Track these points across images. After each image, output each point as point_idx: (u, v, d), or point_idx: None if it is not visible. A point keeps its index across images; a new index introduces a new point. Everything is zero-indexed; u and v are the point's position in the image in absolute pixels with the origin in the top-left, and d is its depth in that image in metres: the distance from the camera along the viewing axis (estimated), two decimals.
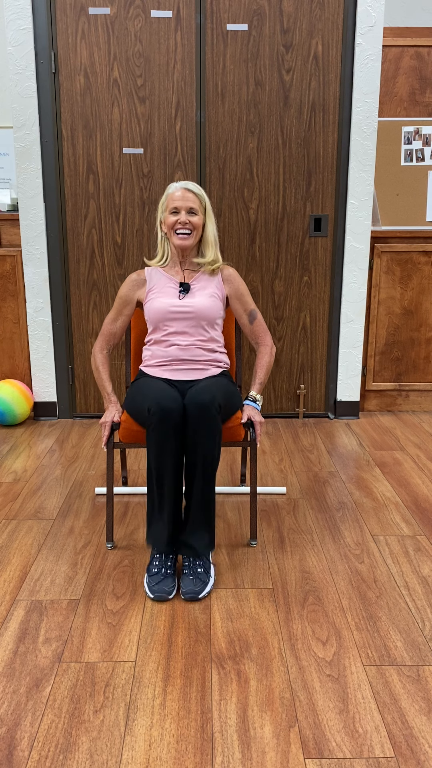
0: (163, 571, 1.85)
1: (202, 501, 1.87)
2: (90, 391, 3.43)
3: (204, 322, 2.07)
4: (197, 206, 2.05)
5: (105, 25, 3.00)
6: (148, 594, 1.82)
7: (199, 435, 1.82)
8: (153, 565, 1.88)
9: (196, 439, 1.82)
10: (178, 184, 2.06)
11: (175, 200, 2.03)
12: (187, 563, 1.88)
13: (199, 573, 1.85)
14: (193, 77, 3.06)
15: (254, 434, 2.04)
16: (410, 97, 3.82)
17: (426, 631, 1.68)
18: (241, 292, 2.18)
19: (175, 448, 1.84)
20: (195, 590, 1.80)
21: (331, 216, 3.24)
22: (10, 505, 2.41)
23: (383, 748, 1.32)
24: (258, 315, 2.20)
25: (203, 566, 1.87)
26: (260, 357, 2.19)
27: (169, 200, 2.05)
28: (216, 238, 2.14)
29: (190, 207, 2.03)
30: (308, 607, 1.78)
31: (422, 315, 3.43)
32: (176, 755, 1.30)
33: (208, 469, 1.85)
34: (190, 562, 1.88)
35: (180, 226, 2.03)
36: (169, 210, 2.05)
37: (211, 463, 1.85)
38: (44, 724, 1.38)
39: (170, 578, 1.85)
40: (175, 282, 2.11)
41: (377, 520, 2.29)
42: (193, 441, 1.83)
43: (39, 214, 3.19)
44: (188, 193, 2.04)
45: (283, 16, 3.00)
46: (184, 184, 2.06)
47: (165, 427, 1.81)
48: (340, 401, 3.44)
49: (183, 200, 2.03)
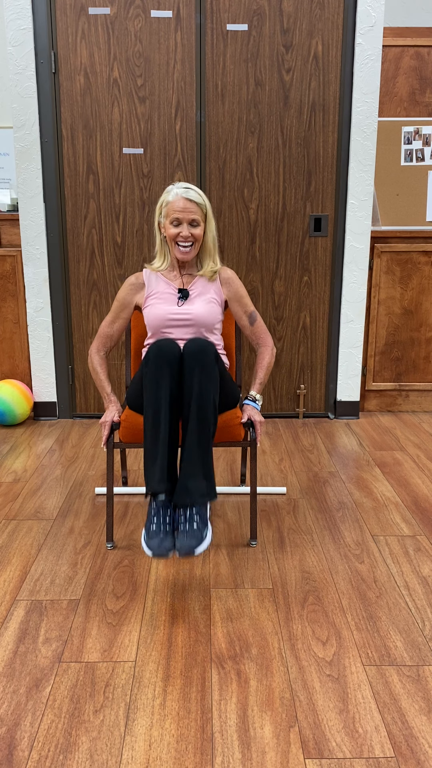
0: (163, 528, 1.70)
1: (198, 442, 1.76)
2: (90, 391, 3.43)
3: (203, 329, 2.09)
4: (199, 217, 2.03)
5: (105, 25, 3.00)
6: (146, 551, 1.69)
7: (195, 373, 1.78)
8: (151, 522, 1.72)
9: (192, 378, 1.78)
10: (179, 191, 2.02)
11: (177, 211, 2.00)
12: (183, 516, 1.73)
13: (194, 528, 1.69)
14: (193, 77, 3.06)
15: (254, 434, 2.04)
16: (410, 97, 3.82)
17: (426, 631, 1.69)
18: (240, 294, 2.18)
19: (170, 385, 1.79)
20: (191, 544, 1.66)
21: (331, 216, 3.24)
22: (10, 505, 2.41)
23: (383, 748, 1.32)
24: (258, 317, 2.21)
25: (201, 518, 1.72)
26: (261, 357, 2.19)
27: (169, 209, 2.02)
28: (215, 243, 2.13)
29: (192, 219, 2.01)
30: (308, 607, 1.78)
31: (422, 315, 3.43)
32: (176, 755, 1.30)
33: (203, 407, 1.77)
34: (187, 514, 1.72)
35: (182, 240, 2.03)
36: (169, 220, 2.02)
37: (207, 400, 1.78)
38: (44, 724, 1.38)
39: (170, 535, 1.70)
40: (174, 288, 2.11)
41: (377, 520, 2.29)
42: (189, 381, 1.79)
43: (39, 214, 3.19)
44: (190, 204, 2.00)
45: (283, 16, 3.00)
46: (185, 192, 2.01)
47: (160, 362, 1.79)
48: (340, 401, 3.44)
49: (184, 212, 2.00)
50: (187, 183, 2.15)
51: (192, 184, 2.13)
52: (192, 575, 1.94)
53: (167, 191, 2.05)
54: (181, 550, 1.66)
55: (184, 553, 1.66)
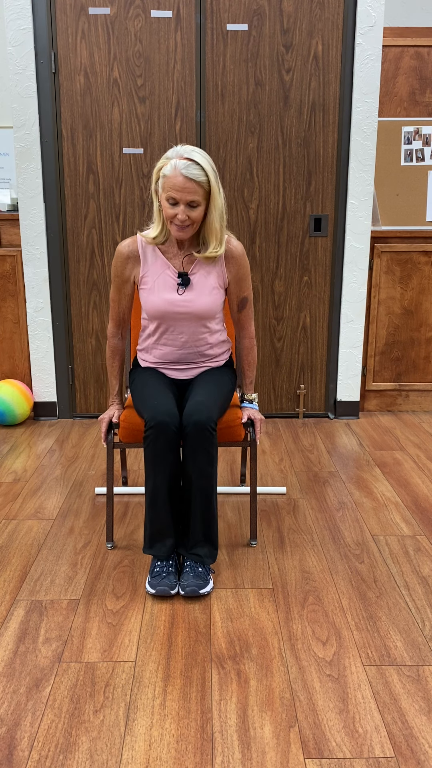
0: (166, 569, 1.86)
1: (203, 518, 1.86)
2: (90, 391, 3.43)
3: (204, 320, 1.99)
4: (199, 197, 1.79)
5: (105, 25, 3.00)
6: (149, 591, 1.82)
7: (197, 453, 1.81)
8: (155, 566, 1.88)
9: (194, 457, 1.82)
10: (178, 163, 1.76)
11: (174, 190, 1.77)
12: (188, 563, 1.88)
13: (200, 572, 1.86)
14: (193, 77, 3.06)
15: (254, 434, 2.04)
16: (410, 97, 3.82)
17: (426, 631, 1.68)
18: (241, 275, 2.00)
19: (168, 470, 1.83)
20: (197, 584, 1.81)
21: (331, 216, 3.24)
22: (10, 505, 2.41)
23: (383, 748, 1.32)
24: (249, 303, 2.05)
25: (204, 569, 1.88)
26: (246, 353, 2.12)
27: (166, 184, 1.78)
28: (223, 220, 1.89)
29: (190, 200, 1.79)
30: (308, 607, 1.78)
31: (422, 315, 3.43)
32: (176, 755, 1.30)
33: (206, 486, 1.84)
34: (192, 563, 1.88)
35: (178, 222, 1.82)
36: (165, 196, 1.80)
37: (209, 480, 1.84)
38: (44, 724, 1.38)
39: (173, 575, 1.85)
40: (173, 271, 1.94)
41: (377, 520, 2.29)
42: (191, 458, 1.82)
43: (39, 214, 3.19)
44: (189, 183, 1.76)
45: (283, 16, 3.00)
46: (186, 168, 1.76)
47: (158, 448, 1.81)
48: (340, 401, 3.44)
49: (183, 192, 1.77)
50: (190, 150, 1.80)
51: (197, 151, 1.80)
52: None
53: (166, 157, 1.80)
54: (186, 588, 1.80)
55: (189, 591, 1.80)
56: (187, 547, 1.89)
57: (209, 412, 1.82)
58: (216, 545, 1.90)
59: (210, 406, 1.84)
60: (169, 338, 2.02)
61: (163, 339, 2.03)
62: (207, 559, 1.88)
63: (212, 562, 1.90)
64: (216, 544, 1.90)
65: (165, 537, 1.87)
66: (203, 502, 1.85)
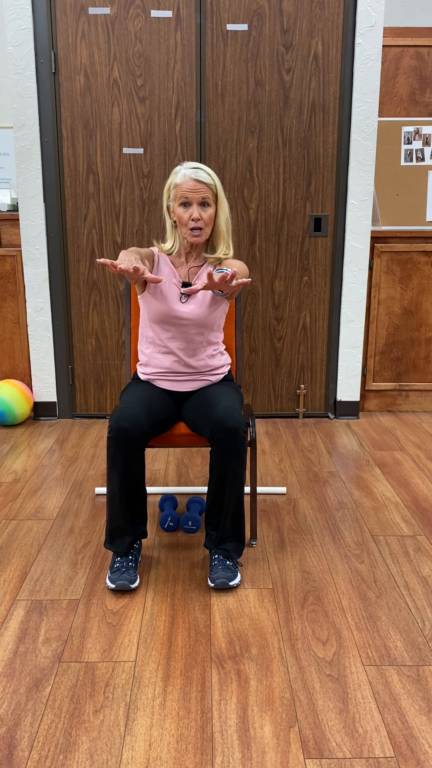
0: (125, 565, 1.89)
1: (233, 516, 1.91)
2: (90, 391, 3.43)
3: (204, 329, 2.04)
4: (209, 196, 1.91)
5: (105, 25, 3.00)
6: (109, 585, 1.84)
7: (230, 456, 1.85)
8: (115, 561, 1.90)
9: (228, 460, 1.85)
10: (187, 171, 1.91)
11: (186, 191, 1.89)
12: (217, 556, 1.92)
13: (228, 565, 1.90)
14: (193, 77, 3.06)
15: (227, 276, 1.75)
16: (410, 97, 3.82)
17: (426, 631, 1.68)
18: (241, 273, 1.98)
19: (120, 476, 1.86)
20: (227, 575, 1.85)
21: (331, 216, 3.24)
22: (10, 505, 2.41)
23: (383, 748, 1.32)
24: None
25: (233, 563, 1.93)
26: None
27: (178, 191, 1.91)
28: (229, 225, 2.01)
29: (202, 198, 1.90)
30: (308, 607, 1.78)
31: (422, 315, 3.43)
32: (176, 755, 1.30)
33: (237, 487, 1.89)
34: (221, 557, 1.92)
35: (193, 222, 1.91)
36: (178, 202, 1.91)
37: (240, 481, 1.89)
38: (44, 724, 1.38)
39: (132, 570, 1.88)
40: (178, 279, 2.02)
41: (377, 520, 2.29)
42: (225, 461, 1.86)
43: (39, 214, 3.19)
44: (199, 184, 1.89)
45: (283, 16, 3.00)
46: (194, 172, 1.90)
47: (116, 451, 1.83)
48: (340, 401, 3.44)
49: (194, 192, 1.89)
50: (195, 162, 2.02)
51: (201, 164, 2.00)
52: (192, 575, 1.94)
53: (175, 172, 1.94)
54: (216, 580, 1.85)
55: (219, 583, 1.84)
56: (215, 542, 1.93)
57: (239, 417, 1.86)
58: (243, 541, 1.96)
59: (237, 409, 1.89)
60: (168, 345, 2.04)
61: (163, 346, 2.05)
62: (234, 554, 1.93)
63: (239, 556, 1.95)
64: (243, 540, 1.96)
65: (123, 534, 1.91)
66: (234, 502, 1.90)
